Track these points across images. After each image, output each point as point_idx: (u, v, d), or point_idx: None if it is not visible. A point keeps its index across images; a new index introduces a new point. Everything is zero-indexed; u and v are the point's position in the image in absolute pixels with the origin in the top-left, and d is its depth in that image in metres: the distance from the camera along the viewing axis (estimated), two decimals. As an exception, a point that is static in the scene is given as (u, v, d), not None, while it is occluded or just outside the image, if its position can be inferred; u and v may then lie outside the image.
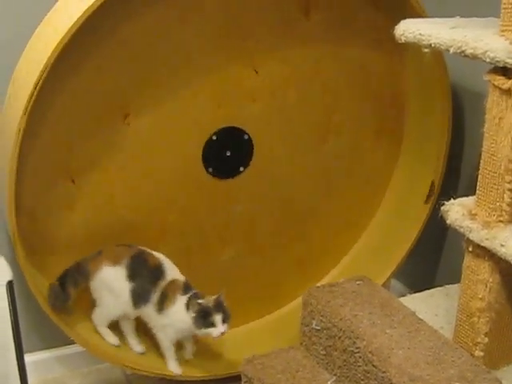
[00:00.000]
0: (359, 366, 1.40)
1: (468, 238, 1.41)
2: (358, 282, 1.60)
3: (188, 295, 1.64)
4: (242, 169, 1.83)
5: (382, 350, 1.37)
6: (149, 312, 1.67)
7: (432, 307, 1.67)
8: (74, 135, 1.62)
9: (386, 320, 1.46)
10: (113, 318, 1.72)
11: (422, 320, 1.47)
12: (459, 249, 1.47)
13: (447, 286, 1.75)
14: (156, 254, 1.69)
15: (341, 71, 1.85)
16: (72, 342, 1.77)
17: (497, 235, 1.34)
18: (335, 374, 1.48)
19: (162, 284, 1.65)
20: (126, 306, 1.67)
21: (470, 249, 1.43)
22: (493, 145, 1.34)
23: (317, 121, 1.88)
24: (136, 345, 1.76)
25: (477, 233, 1.37)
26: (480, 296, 1.43)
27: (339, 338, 1.45)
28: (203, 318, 1.60)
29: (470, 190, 1.45)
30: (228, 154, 1.79)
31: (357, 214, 2.06)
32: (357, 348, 1.41)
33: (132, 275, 1.65)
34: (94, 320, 1.71)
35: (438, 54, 1.77)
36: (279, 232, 1.95)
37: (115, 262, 1.65)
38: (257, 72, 1.76)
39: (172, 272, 1.67)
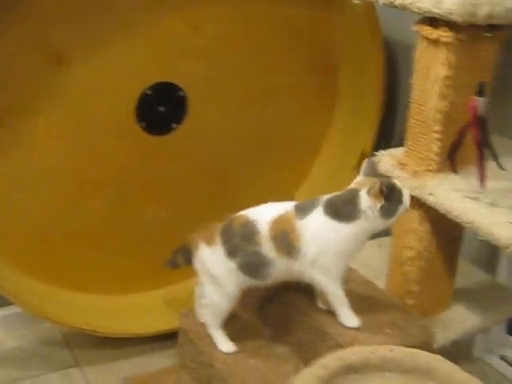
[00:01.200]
0: (291, 316, 1.42)
1: (398, 188, 1.43)
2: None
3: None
4: (174, 126, 1.80)
5: (313, 299, 1.39)
6: (288, 264, 1.30)
7: (365, 258, 1.69)
8: (8, 76, 1.58)
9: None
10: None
11: (353, 269, 1.49)
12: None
13: (380, 239, 1.77)
14: (243, 212, 1.36)
15: (275, 32, 1.85)
16: (8, 303, 1.75)
17: (426, 184, 1.37)
18: (271, 325, 1.49)
19: (262, 234, 1.29)
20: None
21: (401, 199, 1.45)
22: (421, 95, 1.36)
23: (251, 82, 1.87)
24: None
25: (406, 182, 1.39)
26: (410, 245, 1.47)
27: (275, 288, 1.46)
28: (392, 195, 1.24)
29: (404, 142, 1.47)
30: (162, 109, 1.77)
31: (288, 177, 2.06)
32: (288, 296, 1.43)
33: (230, 250, 1.32)
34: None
35: (369, 8, 1.78)
36: (209, 193, 1.94)
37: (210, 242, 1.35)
38: (195, 29, 1.74)
39: (267, 215, 1.31)
